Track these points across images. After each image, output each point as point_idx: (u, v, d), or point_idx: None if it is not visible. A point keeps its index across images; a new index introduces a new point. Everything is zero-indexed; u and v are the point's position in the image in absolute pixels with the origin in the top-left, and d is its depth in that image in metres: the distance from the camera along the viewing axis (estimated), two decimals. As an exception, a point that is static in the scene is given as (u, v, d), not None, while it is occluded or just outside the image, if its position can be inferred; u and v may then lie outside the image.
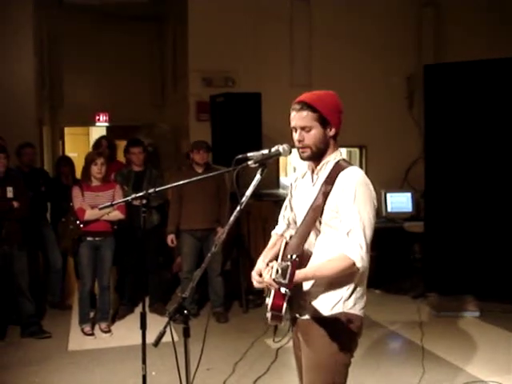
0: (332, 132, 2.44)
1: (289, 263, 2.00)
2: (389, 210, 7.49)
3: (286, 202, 2.74)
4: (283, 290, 2.02)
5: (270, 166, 2.47)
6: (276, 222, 2.82)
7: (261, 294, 2.40)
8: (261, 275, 2.39)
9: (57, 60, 9.87)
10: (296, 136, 2.44)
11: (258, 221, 6.40)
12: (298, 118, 2.41)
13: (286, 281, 2.00)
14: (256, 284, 2.42)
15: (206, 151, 5.91)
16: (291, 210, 2.69)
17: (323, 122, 2.40)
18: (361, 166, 8.29)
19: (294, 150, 2.51)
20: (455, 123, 6.42)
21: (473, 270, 6.30)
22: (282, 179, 8.11)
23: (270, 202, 6.77)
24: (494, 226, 6.28)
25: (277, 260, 2.42)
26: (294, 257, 2.02)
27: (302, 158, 2.47)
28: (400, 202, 7.58)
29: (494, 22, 7.96)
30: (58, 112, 10.25)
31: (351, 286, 2.43)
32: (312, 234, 2.44)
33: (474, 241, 6.35)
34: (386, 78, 8.13)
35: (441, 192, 6.55)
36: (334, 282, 2.39)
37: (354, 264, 2.26)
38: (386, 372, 4.58)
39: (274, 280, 2.06)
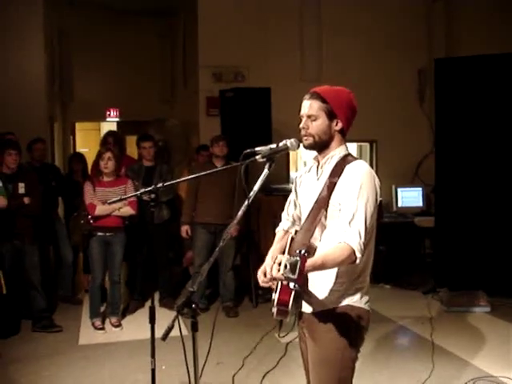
0: (338, 126, 2.43)
1: (298, 258, 1.97)
2: (399, 204, 7.44)
3: (290, 198, 2.72)
4: (292, 285, 2.00)
5: (280, 161, 2.47)
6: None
7: (270, 288, 2.39)
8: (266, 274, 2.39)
9: (67, 56, 9.89)
10: (301, 124, 2.45)
11: (268, 216, 6.39)
12: (307, 106, 2.43)
13: (295, 276, 1.96)
14: (262, 284, 2.41)
15: (226, 144, 5.92)
16: (295, 205, 2.68)
17: (330, 115, 2.41)
18: (371, 161, 8.27)
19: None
20: (466, 118, 6.39)
21: (483, 266, 6.28)
22: (292, 174, 8.08)
23: (279, 197, 6.72)
24: (505, 221, 6.26)
25: (283, 255, 2.39)
26: (303, 252, 1.99)
27: (304, 146, 2.47)
28: (410, 196, 7.54)
29: (506, 17, 7.90)
30: (68, 108, 10.29)
31: (355, 280, 2.42)
32: (317, 229, 2.40)
33: (485, 236, 6.32)
34: (397, 73, 8.10)
35: (451, 187, 6.52)
36: (337, 275, 2.39)
37: (354, 253, 2.23)
38: (395, 367, 4.58)
39: (282, 275, 2.04)
